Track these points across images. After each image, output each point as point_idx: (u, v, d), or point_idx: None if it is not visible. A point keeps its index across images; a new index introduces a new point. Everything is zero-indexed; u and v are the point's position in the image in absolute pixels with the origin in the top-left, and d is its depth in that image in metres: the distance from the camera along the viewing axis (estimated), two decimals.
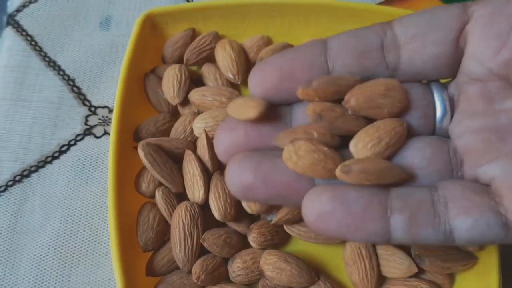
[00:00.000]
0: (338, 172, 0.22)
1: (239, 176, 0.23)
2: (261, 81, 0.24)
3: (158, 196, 0.30)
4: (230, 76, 0.34)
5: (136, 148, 0.30)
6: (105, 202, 0.34)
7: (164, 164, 0.30)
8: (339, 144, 0.23)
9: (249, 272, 0.30)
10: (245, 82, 0.35)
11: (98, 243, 0.33)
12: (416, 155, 0.23)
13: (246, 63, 0.35)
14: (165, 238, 0.31)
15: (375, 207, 0.21)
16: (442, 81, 0.26)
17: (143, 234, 0.30)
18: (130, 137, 0.33)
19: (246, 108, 0.23)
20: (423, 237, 0.22)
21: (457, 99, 0.24)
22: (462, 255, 0.30)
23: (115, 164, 0.30)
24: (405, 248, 0.31)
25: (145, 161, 0.30)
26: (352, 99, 0.23)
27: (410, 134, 0.24)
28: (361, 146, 0.23)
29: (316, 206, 0.22)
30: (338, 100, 0.23)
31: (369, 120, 0.23)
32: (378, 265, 0.30)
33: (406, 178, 0.23)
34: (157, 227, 0.31)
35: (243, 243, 0.31)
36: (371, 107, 0.23)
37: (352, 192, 0.22)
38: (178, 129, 0.33)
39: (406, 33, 0.24)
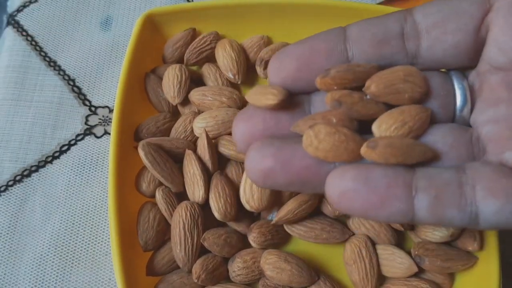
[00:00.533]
0: (364, 148, 0.21)
1: (259, 162, 0.22)
2: (279, 70, 0.24)
3: (158, 196, 0.30)
4: (230, 76, 0.34)
5: (136, 147, 0.31)
6: (105, 202, 0.34)
7: (164, 164, 0.30)
8: (358, 130, 0.23)
9: (249, 272, 0.30)
10: (245, 82, 0.35)
11: (99, 242, 0.33)
12: (438, 141, 0.23)
13: (246, 63, 0.35)
14: (166, 237, 0.31)
15: (399, 185, 0.21)
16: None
17: (144, 234, 0.30)
18: (130, 137, 0.33)
19: (265, 95, 0.23)
20: (448, 218, 0.21)
21: (478, 88, 0.24)
22: (462, 255, 0.30)
23: (116, 164, 0.30)
24: (405, 248, 0.31)
25: (145, 161, 0.30)
26: (373, 85, 0.23)
27: (430, 122, 0.23)
28: (384, 128, 0.22)
29: (340, 184, 0.21)
30: (356, 88, 0.23)
31: (389, 106, 0.23)
32: (378, 265, 0.30)
33: (432, 157, 0.22)
34: (158, 226, 0.31)
35: (243, 243, 0.31)
36: (391, 92, 0.23)
37: (376, 171, 0.21)
38: (178, 128, 0.33)
39: (427, 20, 0.24)
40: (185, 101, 0.34)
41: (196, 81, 0.35)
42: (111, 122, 0.35)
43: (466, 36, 0.23)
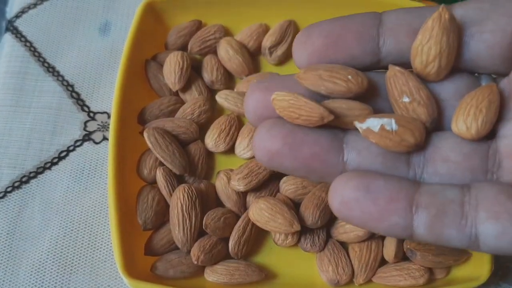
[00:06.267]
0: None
1: (268, 141, 0.23)
2: (305, 44, 0.24)
3: (159, 174, 0.32)
4: (244, 77, 0.37)
5: (142, 132, 0.33)
6: (104, 208, 0.35)
7: (166, 147, 0.32)
8: None
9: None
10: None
11: (98, 249, 0.34)
12: (453, 149, 0.23)
13: (249, 54, 0.38)
14: (165, 219, 0.33)
15: (401, 200, 0.22)
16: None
17: (142, 213, 0.32)
18: (132, 121, 0.34)
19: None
20: (446, 237, 0.21)
21: (508, 96, 0.23)
22: (454, 250, 0.31)
23: (116, 144, 0.32)
24: None
25: (148, 142, 0.32)
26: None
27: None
28: None
29: (342, 193, 0.22)
30: None
31: None
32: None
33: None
34: (157, 206, 0.32)
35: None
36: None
37: (380, 182, 0.22)
38: (186, 110, 0.35)
39: (465, 17, 0.23)
40: (186, 88, 0.35)
41: (196, 68, 0.37)
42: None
43: (504, 38, 0.23)
